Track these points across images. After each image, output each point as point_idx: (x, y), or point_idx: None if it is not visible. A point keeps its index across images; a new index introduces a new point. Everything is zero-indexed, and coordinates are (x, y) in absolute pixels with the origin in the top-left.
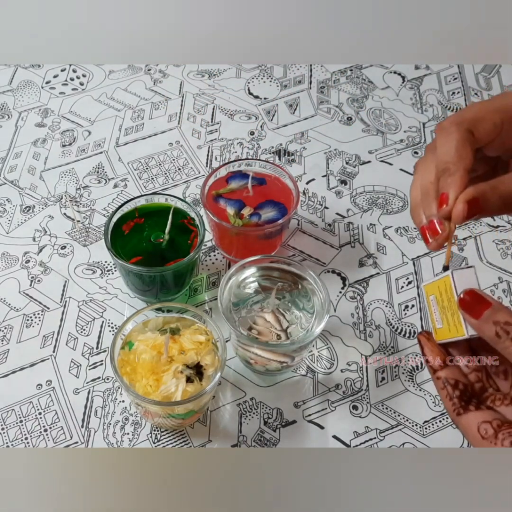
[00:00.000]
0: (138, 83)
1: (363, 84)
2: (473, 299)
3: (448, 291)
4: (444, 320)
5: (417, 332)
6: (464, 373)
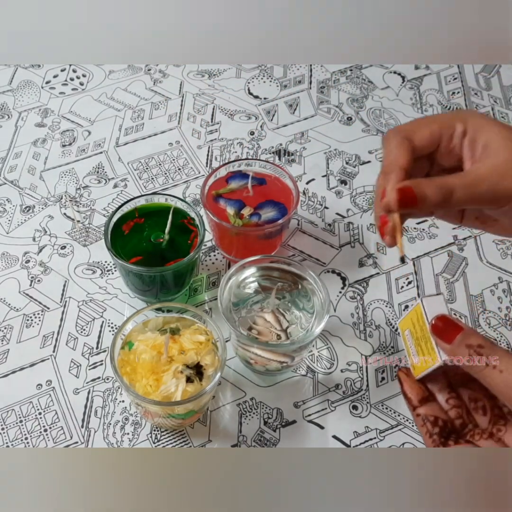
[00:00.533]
0: (138, 83)
1: (363, 84)
2: (444, 324)
3: (419, 319)
4: (419, 351)
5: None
6: (444, 409)
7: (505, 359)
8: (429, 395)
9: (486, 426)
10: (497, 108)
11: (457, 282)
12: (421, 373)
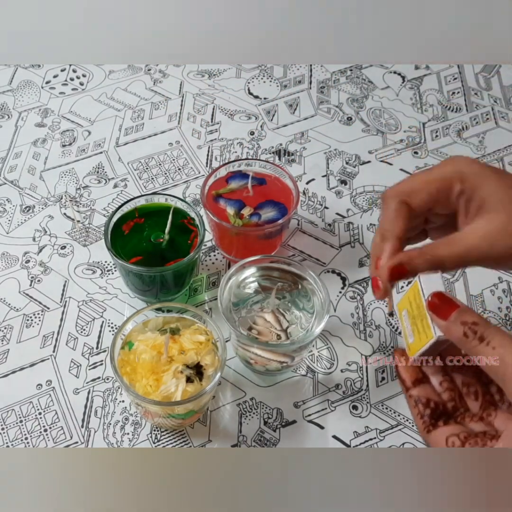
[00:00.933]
0: (138, 83)
1: (363, 84)
2: (441, 301)
3: (417, 298)
4: (415, 330)
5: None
6: (437, 392)
7: (498, 336)
8: (423, 377)
9: (477, 411)
10: (497, 108)
11: (457, 282)
12: (416, 352)
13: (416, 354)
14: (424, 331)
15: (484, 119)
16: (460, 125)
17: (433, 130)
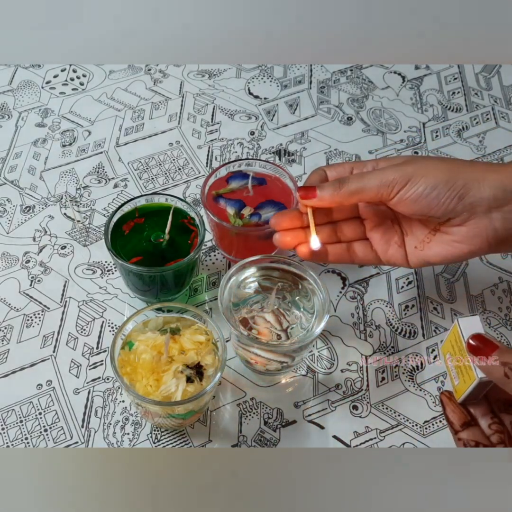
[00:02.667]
0: (138, 83)
1: (363, 84)
2: (480, 343)
3: (457, 340)
4: (459, 373)
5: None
6: (486, 435)
7: None
8: (471, 420)
9: None
10: (497, 108)
11: (457, 282)
12: (462, 395)
13: (462, 397)
14: (467, 373)
15: (484, 119)
16: (460, 125)
17: (433, 130)
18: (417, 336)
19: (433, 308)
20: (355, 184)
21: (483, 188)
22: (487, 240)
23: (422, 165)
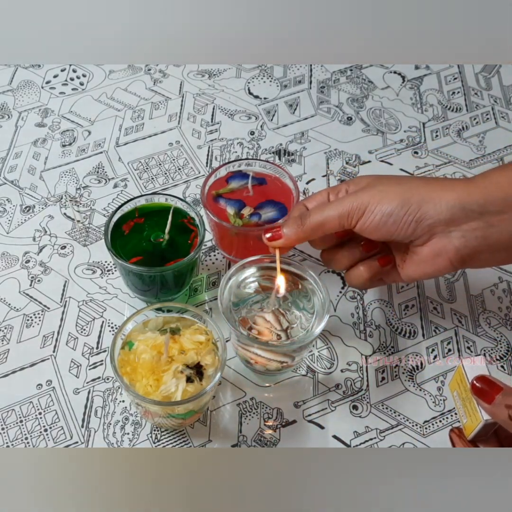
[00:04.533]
0: (138, 83)
1: (363, 84)
2: (484, 384)
3: (463, 380)
4: (467, 412)
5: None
6: None
7: None
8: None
9: None
10: (497, 108)
11: (457, 282)
12: (471, 434)
13: (471, 435)
14: (473, 414)
15: (484, 119)
16: (460, 125)
17: (433, 130)
18: (417, 336)
19: (433, 308)
20: (316, 218)
21: (439, 208)
22: (449, 259)
23: (378, 190)
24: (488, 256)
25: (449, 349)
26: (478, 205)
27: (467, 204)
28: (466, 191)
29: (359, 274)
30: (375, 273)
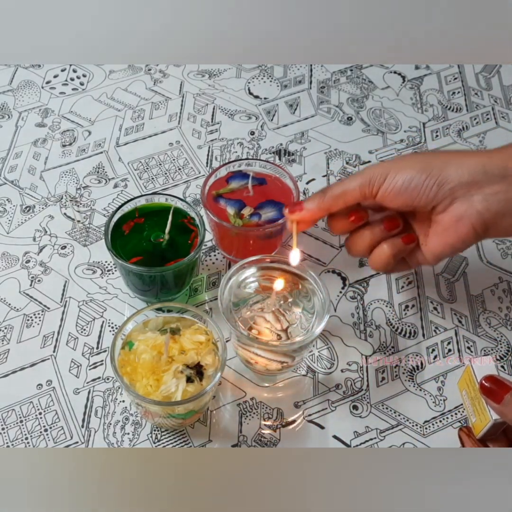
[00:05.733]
0: (138, 83)
1: (363, 84)
2: (493, 384)
3: (471, 380)
4: (475, 411)
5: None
6: None
7: None
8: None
9: None
10: (497, 108)
11: (457, 282)
12: (480, 432)
13: (480, 434)
14: (482, 414)
15: (485, 119)
16: (460, 125)
17: (433, 130)
18: (417, 336)
19: (433, 308)
20: (337, 188)
21: (461, 172)
22: (471, 224)
23: (398, 160)
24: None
25: (449, 349)
26: (500, 168)
27: (489, 167)
28: (488, 156)
29: (382, 252)
30: (398, 250)
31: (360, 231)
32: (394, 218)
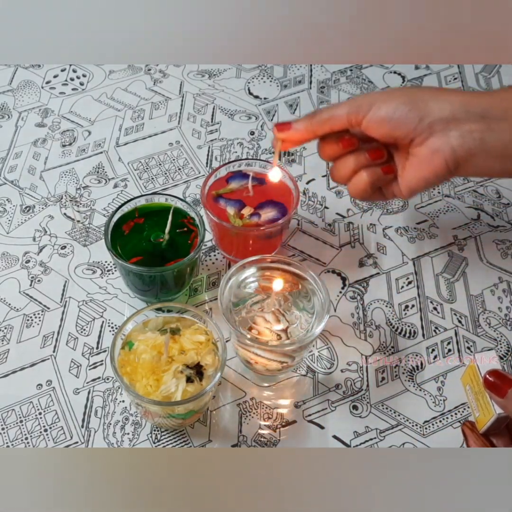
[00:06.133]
0: (138, 83)
1: (363, 84)
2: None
3: (475, 375)
4: (479, 406)
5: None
6: None
7: None
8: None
9: None
10: None
11: (457, 282)
12: (483, 427)
13: (483, 428)
14: (486, 408)
15: None
16: None
17: None
18: (417, 336)
19: (433, 308)
20: (326, 114)
21: (443, 107)
22: (444, 158)
23: (386, 92)
24: (482, 162)
25: (449, 349)
26: (481, 108)
27: (470, 106)
28: (473, 96)
29: (361, 178)
30: (377, 179)
31: (345, 157)
32: (379, 149)
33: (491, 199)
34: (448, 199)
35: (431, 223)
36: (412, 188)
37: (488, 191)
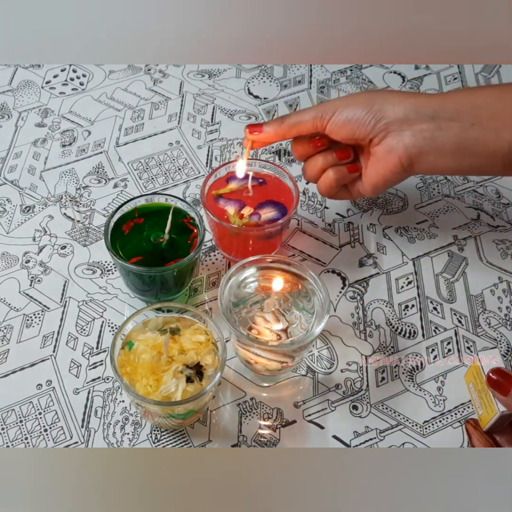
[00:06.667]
0: (138, 83)
1: (363, 84)
2: (500, 376)
3: (478, 373)
4: (482, 404)
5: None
6: None
7: None
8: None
9: None
10: None
11: (457, 282)
12: (487, 425)
13: (487, 426)
14: (489, 406)
15: None
16: None
17: None
18: (417, 336)
19: (433, 308)
20: (294, 119)
21: (397, 109)
22: (398, 156)
23: (348, 97)
24: (434, 159)
25: (449, 349)
26: (432, 110)
27: (422, 108)
28: (425, 99)
29: (327, 176)
30: (342, 177)
31: (315, 157)
32: (346, 149)
33: (491, 199)
34: (448, 199)
35: (431, 223)
36: (374, 186)
37: (488, 191)
